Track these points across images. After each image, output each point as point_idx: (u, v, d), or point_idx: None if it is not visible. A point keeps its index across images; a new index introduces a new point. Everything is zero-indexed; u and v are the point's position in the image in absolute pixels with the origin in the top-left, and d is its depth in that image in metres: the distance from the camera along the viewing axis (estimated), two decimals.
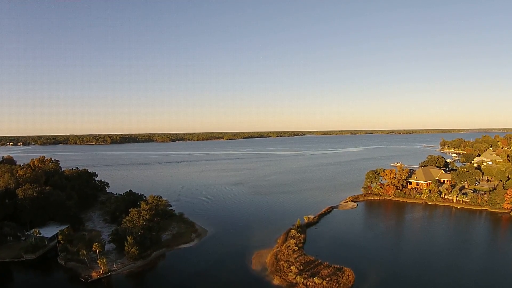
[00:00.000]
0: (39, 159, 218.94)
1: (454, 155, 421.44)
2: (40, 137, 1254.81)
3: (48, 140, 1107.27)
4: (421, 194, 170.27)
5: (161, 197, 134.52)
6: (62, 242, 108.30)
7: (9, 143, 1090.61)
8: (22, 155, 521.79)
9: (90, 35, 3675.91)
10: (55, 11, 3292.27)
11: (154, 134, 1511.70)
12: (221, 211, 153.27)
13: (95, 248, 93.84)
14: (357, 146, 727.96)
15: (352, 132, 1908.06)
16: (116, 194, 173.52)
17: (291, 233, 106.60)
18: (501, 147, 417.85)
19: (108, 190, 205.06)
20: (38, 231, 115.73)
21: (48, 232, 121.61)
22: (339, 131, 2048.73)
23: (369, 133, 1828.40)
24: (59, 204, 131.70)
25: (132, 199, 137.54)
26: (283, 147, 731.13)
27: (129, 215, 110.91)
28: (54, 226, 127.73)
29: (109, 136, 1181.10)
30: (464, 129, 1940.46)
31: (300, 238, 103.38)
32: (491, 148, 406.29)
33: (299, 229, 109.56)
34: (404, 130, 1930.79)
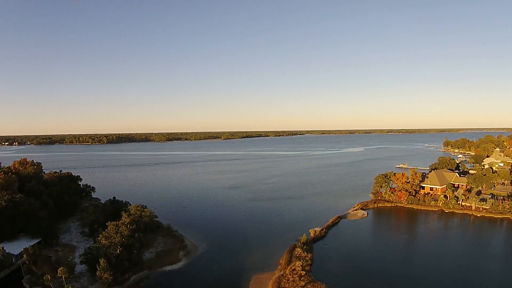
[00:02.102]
0: (20, 161, 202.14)
1: (460, 155, 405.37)
2: (36, 136, 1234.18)
3: (44, 140, 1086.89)
4: (437, 200, 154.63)
5: (146, 206, 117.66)
6: (26, 262, 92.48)
7: (4, 142, 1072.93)
8: (14, 156, 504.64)
9: (87, 35, 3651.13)
10: (53, 11, 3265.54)
11: (151, 133, 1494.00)
12: (215, 221, 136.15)
13: (60, 274, 77.76)
14: (358, 146, 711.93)
15: (351, 132, 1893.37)
16: (99, 202, 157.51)
17: (295, 252, 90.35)
18: (508, 147, 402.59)
19: (94, 195, 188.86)
20: (2, 248, 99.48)
21: (17, 247, 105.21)
22: (338, 130, 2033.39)
23: (368, 133, 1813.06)
24: (30, 214, 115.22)
25: (114, 208, 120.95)
26: (282, 147, 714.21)
27: (106, 229, 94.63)
28: (24, 240, 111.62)
29: (106, 135, 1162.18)
30: (464, 129, 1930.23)
31: (306, 258, 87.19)
32: (498, 149, 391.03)
33: (305, 246, 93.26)
34: (403, 129, 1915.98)
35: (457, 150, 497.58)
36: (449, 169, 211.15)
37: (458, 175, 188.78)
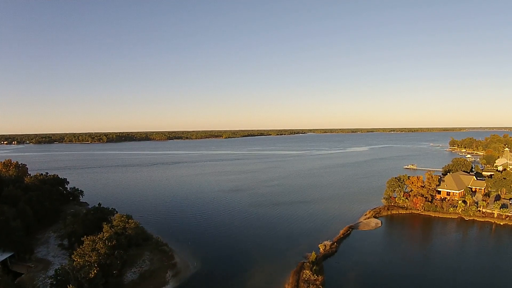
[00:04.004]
0: (4, 162, 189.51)
1: (468, 155, 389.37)
2: (36, 135, 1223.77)
3: (43, 139, 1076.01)
4: (456, 207, 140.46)
5: (131, 216, 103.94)
6: None
7: (3, 141, 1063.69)
8: (10, 155, 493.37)
9: (87, 33, 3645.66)
10: (52, 9, 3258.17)
11: (151, 132, 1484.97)
12: (211, 231, 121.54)
13: None
14: (362, 145, 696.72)
15: (353, 131, 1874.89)
16: (85, 208, 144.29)
17: (303, 274, 76.43)
18: None
19: (83, 199, 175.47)
20: None
21: None
22: (340, 129, 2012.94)
23: (370, 132, 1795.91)
24: (1, 224, 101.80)
25: (96, 217, 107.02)
26: (284, 146, 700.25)
27: (82, 245, 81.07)
28: None
29: (105, 134, 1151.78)
30: (467, 128, 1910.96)
31: (317, 282, 73.22)
32: (507, 149, 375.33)
33: (314, 267, 79.35)
34: (405, 128, 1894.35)
35: (464, 150, 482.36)
36: (464, 171, 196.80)
37: (475, 179, 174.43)
